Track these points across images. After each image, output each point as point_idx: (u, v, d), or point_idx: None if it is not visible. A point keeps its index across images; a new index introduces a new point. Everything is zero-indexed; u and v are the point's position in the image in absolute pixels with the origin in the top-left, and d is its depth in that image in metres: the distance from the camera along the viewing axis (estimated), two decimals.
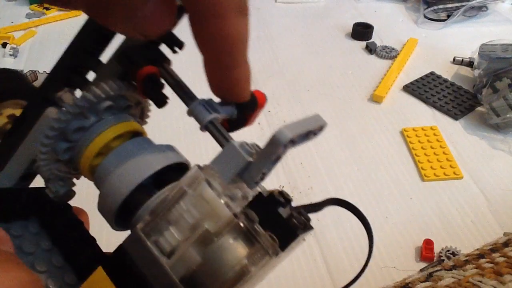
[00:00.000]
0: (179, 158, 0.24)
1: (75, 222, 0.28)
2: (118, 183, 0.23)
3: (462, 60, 0.93)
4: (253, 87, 0.23)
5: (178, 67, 0.25)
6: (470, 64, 0.92)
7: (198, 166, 0.20)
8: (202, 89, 0.24)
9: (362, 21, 1.05)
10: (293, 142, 0.19)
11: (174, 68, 0.25)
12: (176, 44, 0.25)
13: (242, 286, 0.19)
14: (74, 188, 0.26)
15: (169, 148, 0.25)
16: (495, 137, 0.78)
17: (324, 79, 0.91)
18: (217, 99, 0.23)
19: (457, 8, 1.07)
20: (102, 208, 0.23)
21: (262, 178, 0.20)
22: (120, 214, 0.23)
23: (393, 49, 0.98)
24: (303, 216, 0.20)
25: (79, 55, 0.25)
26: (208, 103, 0.23)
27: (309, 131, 0.20)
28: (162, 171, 0.23)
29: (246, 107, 0.24)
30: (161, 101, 0.24)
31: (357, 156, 0.74)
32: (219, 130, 0.22)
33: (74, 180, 0.27)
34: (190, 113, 0.23)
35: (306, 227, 0.20)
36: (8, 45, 0.95)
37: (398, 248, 0.60)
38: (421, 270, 0.56)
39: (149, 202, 0.22)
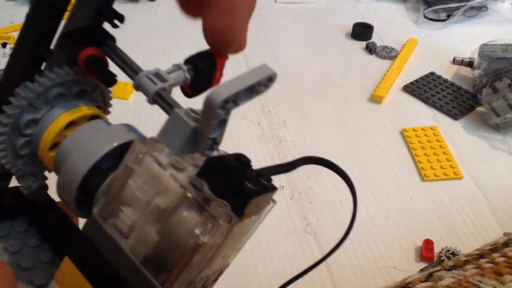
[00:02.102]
0: (135, 136, 0.23)
1: (61, 216, 0.27)
2: (72, 169, 0.22)
3: (462, 60, 0.93)
4: None
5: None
6: (470, 64, 0.92)
7: (140, 140, 0.19)
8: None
9: (362, 21, 1.05)
10: (233, 101, 0.18)
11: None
12: (116, 17, 0.24)
13: (203, 257, 0.18)
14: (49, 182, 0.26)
15: (127, 127, 0.24)
16: (495, 137, 0.78)
17: (324, 79, 0.91)
18: (164, 68, 0.22)
19: (457, 8, 1.07)
20: (62, 196, 0.23)
21: (215, 143, 0.19)
22: (81, 200, 0.22)
23: (393, 49, 0.98)
24: (262, 177, 0.19)
25: (30, 46, 0.24)
26: (154, 74, 0.22)
27: (252, 85, 0.18)
28: (122, 150, 0.21)
29: (203, 69, 0.23)
30: (109, 80, 0.23)
31: (357, 156, 0.74)
32: (166, 101, 0.21)
33: (47, 173, 0.26)
34: (137, 87, 0.22)
35: (265, 189, 0.19)
36: (8, 45, 0.95)
37: (398, 248, 0.60)
38: (421, 270, 0.56)
39: (104, 184, 0.21)
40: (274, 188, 0.19)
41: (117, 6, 0.24)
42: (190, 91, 0.23)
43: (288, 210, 0.64)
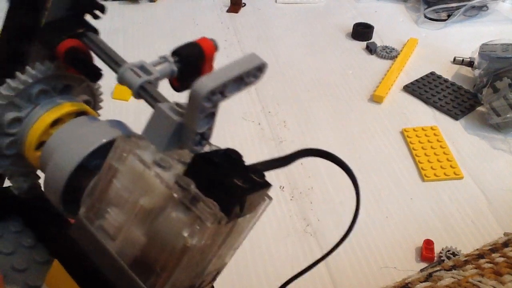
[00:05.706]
0: (122, 133, 0.22)
1: (56, 215, 0.27)
2: (57, 168, 0.21)
3: (463, 60, 0.93)
4: (253, 86, 0.23)
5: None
6: (470, 64, 0.92)
7: (123, 137, 0.18)
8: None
9: (362, 21, 1.05)
10: (220, 93, 0.17)
11: None
12: (97, 8, 0.23)
13: (192, 259, 0.17)
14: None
15: (115, 123, 0.22)
16: (495, 137, 0.78)
17: (324, 79, 0.91)
18: (150, 60, 0.21)
19: (458, 8, 1.07)
20: (49, 196, 0.22)
21: (204, 139, 0.18)
22: (70, 199, 0.22)
23: (394, 49, 0.98)
24: (254, 174, 0.18)
25: (11, 42, 0.23)
26: (138, 67, 0.21)
27: (241, 76, 0.17)
28: (109, 148, 0.20)
29: (191, 60, 0.22)
30: (92, 74, 0.22)
31: (357, 156, 0.74)
32: (151, 94, 0.20)
33: (40, 173, 0.25)
34: (120, 80, 0.21)
35: (256, 186, 0.18)
36: None
37: (398, 248, 0.60)
38: (421, 270, 0.56)
39: (91, 183, 0.21)
40: (267, 185, 0.18)
41: (117, 7, 0.24)
42: (179, 84, 0.22)
43: (288, 210, 0.64)
